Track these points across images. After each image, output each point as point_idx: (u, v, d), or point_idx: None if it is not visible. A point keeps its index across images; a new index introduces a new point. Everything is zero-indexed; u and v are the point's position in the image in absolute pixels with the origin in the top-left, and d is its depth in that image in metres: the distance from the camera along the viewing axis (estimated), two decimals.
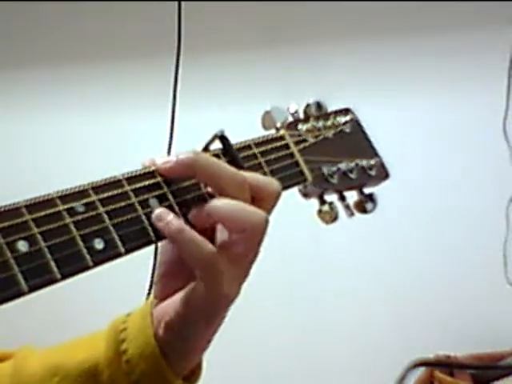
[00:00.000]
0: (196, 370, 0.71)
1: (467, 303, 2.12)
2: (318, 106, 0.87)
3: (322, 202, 0.82)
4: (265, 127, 0.81)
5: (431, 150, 2.14)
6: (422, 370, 1.73)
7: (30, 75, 2.66)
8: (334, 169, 0.82)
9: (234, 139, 0.72)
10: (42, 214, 0.55)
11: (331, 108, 0.89)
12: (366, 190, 0.87)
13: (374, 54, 2.19)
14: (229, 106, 2.35)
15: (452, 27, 2.12)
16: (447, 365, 1.75)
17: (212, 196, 0.66)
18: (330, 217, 0.82)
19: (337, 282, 2.27)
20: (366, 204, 0.86)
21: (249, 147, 0.74)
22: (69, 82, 2.60)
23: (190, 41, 2.22)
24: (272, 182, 0.69)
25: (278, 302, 2.33)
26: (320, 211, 0.82)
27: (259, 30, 2.33)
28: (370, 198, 0.87)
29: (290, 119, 0.83)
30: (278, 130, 0.81)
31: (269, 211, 0.67)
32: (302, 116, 0.85)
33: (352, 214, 0.86)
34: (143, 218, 0.61)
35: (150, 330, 0.67)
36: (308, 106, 0.86)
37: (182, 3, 2.20)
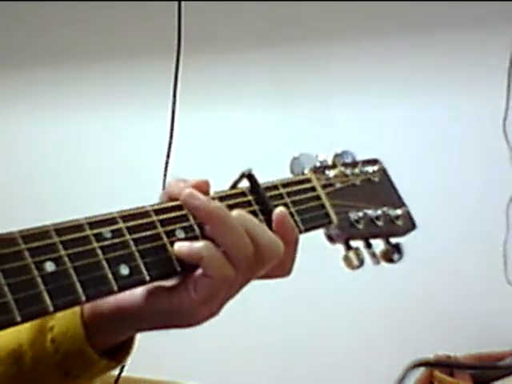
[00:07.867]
0: (126, 346, 0.69)
1: (467, 303, 2.12)
2: (347, 155, 0.87)
3: (348, 247, 0.82)
4: (293, 173, 0.82)
5: (431, 150, 2.14)
6: (421, 370, 1.73)
7: (30, 75, 2.66)
8: (361, 214, 0.81)
9: (235, 139, 0.72)
10: (71, 237, 0.57)
11: (360, 158, 0.89)
12: (393, 240, 0.87)
13: (373, 54, 2.19)
14: (228, 106, 2.35)
15: (452, 27, 2.12)
16: (447, 365, 1.75)
17: None
18: (355, 263, 0.81)
19: (336, 282, 2.27)
20: (392, 254, 0.85)
21: (275, 187, 0.74)
22: (69, 81, 2.60)
23: (189, 41, 2.23)
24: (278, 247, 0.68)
25: (276, 302, 2.33)
26: (346, 257, 0.81)
27: (259, 30, 2.33)
28: (397, 248, 0.86)
29: (318, 165, 0.83)
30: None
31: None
32: (330, 163, 0.85)
33: (378, 263, 0.85)
34: (168, 247, 0.62)
35: (77, 309, 0.66)
36: (336, 155, 0.86)
37: (182, 3, 2.20)
